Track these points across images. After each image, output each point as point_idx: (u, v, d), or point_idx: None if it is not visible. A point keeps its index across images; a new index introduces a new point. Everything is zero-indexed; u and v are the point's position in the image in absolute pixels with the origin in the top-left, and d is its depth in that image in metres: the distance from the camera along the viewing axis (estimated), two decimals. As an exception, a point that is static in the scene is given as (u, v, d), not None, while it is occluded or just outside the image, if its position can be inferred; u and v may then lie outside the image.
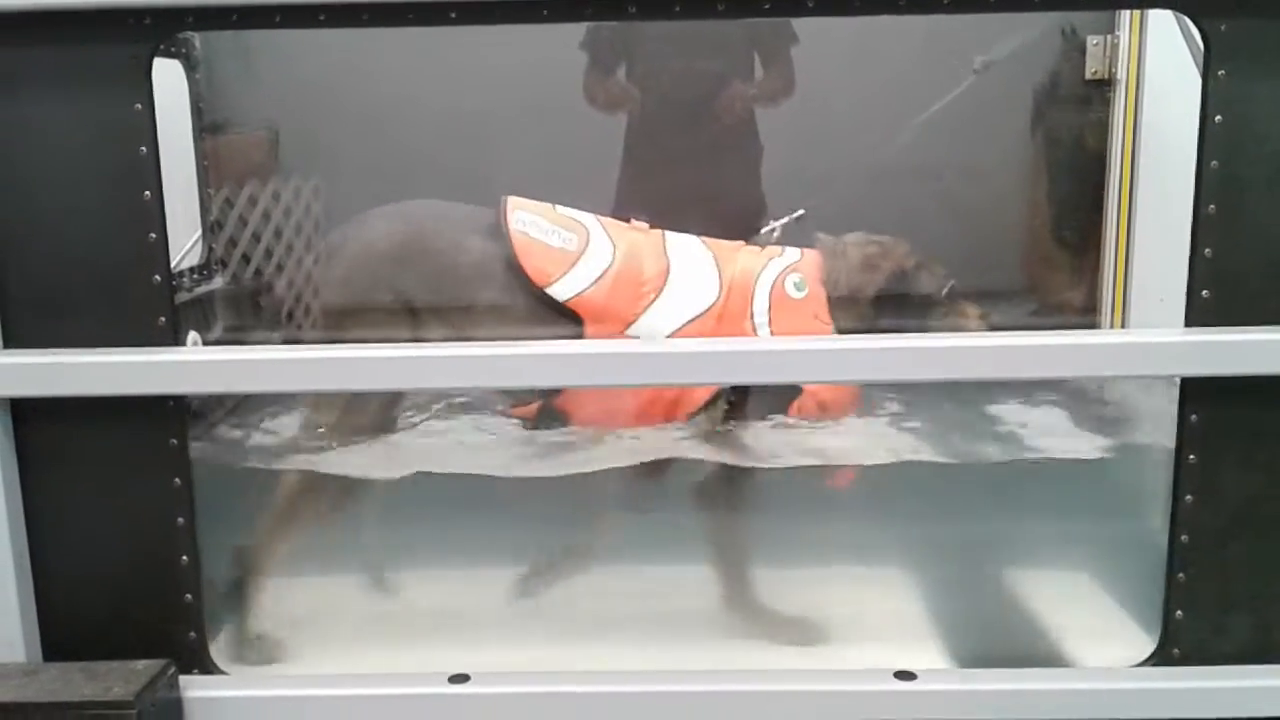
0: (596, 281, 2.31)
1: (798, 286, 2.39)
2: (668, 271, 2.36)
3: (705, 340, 2.25)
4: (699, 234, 2.49)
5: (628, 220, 2.47)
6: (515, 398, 2.46)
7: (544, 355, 2.00)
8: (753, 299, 2.36)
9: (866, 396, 2.57)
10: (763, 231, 2.62)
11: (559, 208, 2.41)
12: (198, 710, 2.00)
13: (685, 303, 2.34)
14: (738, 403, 2.43)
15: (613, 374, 2.07)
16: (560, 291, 2.30)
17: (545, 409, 2.42)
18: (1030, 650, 2.33)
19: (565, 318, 2.31)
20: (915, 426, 2.57)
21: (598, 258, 2.34)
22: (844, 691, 2.03)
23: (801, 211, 2.64)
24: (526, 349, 1.99)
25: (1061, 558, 2.61)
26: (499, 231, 2.33)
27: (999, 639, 2.38)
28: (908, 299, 2.45)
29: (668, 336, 2.31)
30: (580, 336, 2.30)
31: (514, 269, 2.31)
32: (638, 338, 2.31)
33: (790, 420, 2.43)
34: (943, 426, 2.58)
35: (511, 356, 1.98)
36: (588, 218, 2.42)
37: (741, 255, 2.46)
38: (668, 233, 2.46)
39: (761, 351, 2.09)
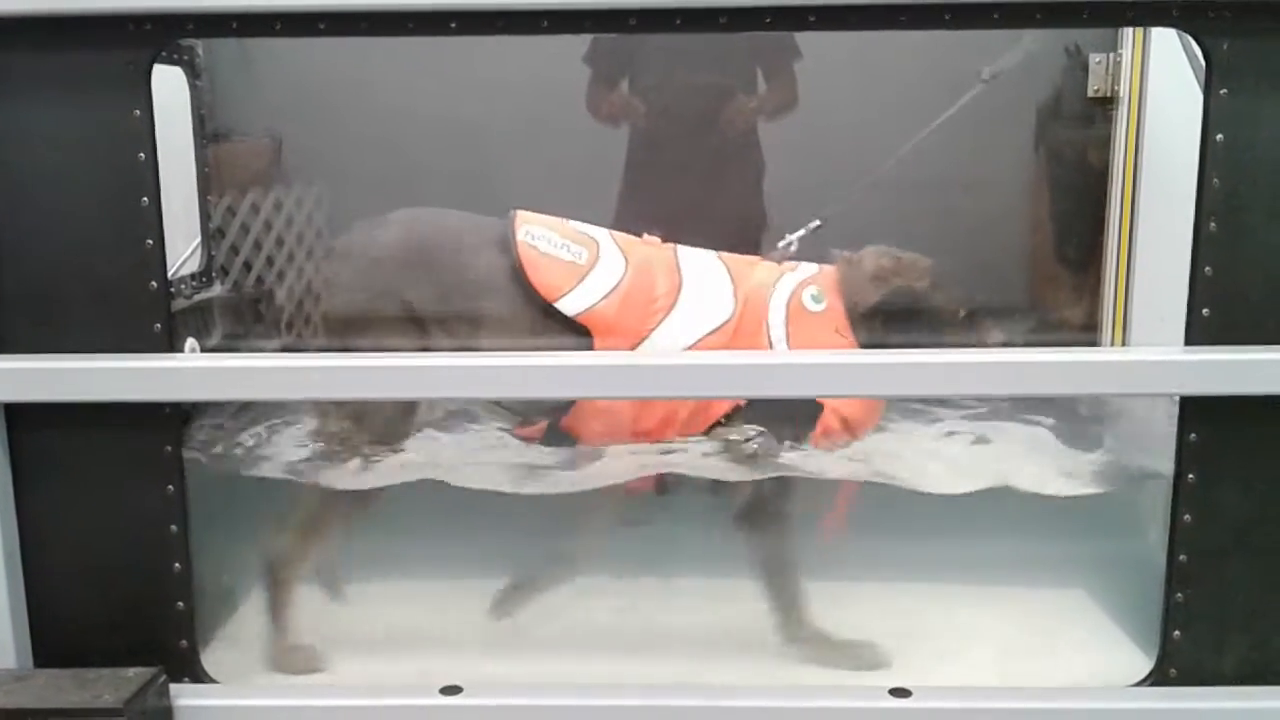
0: (607, 296, 2.27)
1: (815, 299, 2.35)
2: (680, 287, 2.32)
3: (713, 353, 2.23)
4: (709, 248, 2.44)
5: (640, 235, 2.43)
6: (521, 419, 2.43)
7: (546, 367, 1.99)
8: (768, 313, 2.32)
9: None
10: (780, 245, 2.59)
11: (570, 222, 2.38)
12: (188, 718, 1.99)
13: (698, 318, 2.30)
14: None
15: (620, 387, 2.07)
16: (569, 306, 2.26)
17: (552, 430, 2.38)
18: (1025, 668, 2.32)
19: (574, 333, 2.26)
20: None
21: (608, 272, 2.29)
22: (838, 708, 2.02)
23: (818, 222, 2.61)
24: (528, 360, 1.98)
25: (1059, 576, 2.60)
26: (506, 246, 2.29)
27: (996, 656, 2.38)
28: (919, 318, 2.40)
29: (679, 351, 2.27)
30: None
31: (521, 283, 2.27)
32: None
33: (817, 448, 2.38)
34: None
35: (515, 367, 1.97)
36: (599, 232, 2.37)
37: (757, 270, 2.41)
38: (681, 247, 2.41)
39: (761, 365, 2.07)
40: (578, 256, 2.30)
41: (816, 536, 2.51)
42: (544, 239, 2.30)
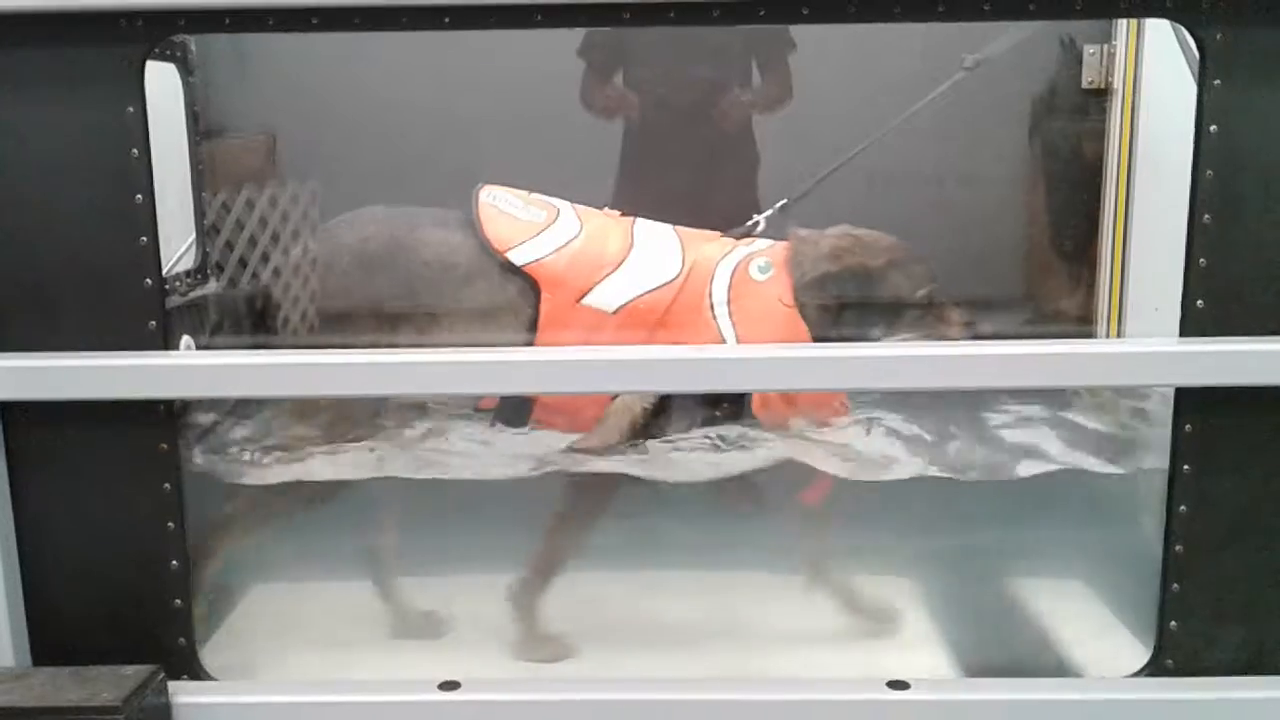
0: (557, 251, 2.35)
1: (762, 269, 2.41)
2: (630, 249, 2.40)
3: (671, 348, 2.23)
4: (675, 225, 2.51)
5: (601, 208, 2.52)
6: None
7: (533, 362, 2.01)
8: (713, 279, 2.38)
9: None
10: (747, 223, 2.61)
11: (534, 193, 2.46)
12: (186, 716, 1.99)
13: (643, 276, 2.36)
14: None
15: (579, 382, 2.08)
16: (518, 257, 2.34)
17: (505, 396, 2.43)
18: (1026, 658, 2.33)
19: (523, 284, 2.35)
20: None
21: (562, 232, 2.39)
22: (837, 701, 2.02)
23: (784, 200, 2.64)
24: (512, 355, 2.01)
25: (1057, 567, 2.61)
26: (468, 208, 2.38)
27: (997, 647, 2.38)
28: (877, 297, 2.44)
29: (620, 306, 2.34)
30: (535, 307, 2.34)
31: (477, 237, 2.36)
32: (592, 307, 2.34)
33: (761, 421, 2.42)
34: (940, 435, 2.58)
35: (498, 364, 1.97)
36: (562, 202, 2.46)
37: (711, 243, 2.49)
38: (638, 219, 2.49)
39: (740, 359, 2.09)
40: (535, 217, 2.40)
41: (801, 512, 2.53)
42: (504, 200, 2.41)
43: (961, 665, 2.32)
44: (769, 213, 2.62)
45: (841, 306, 2.42)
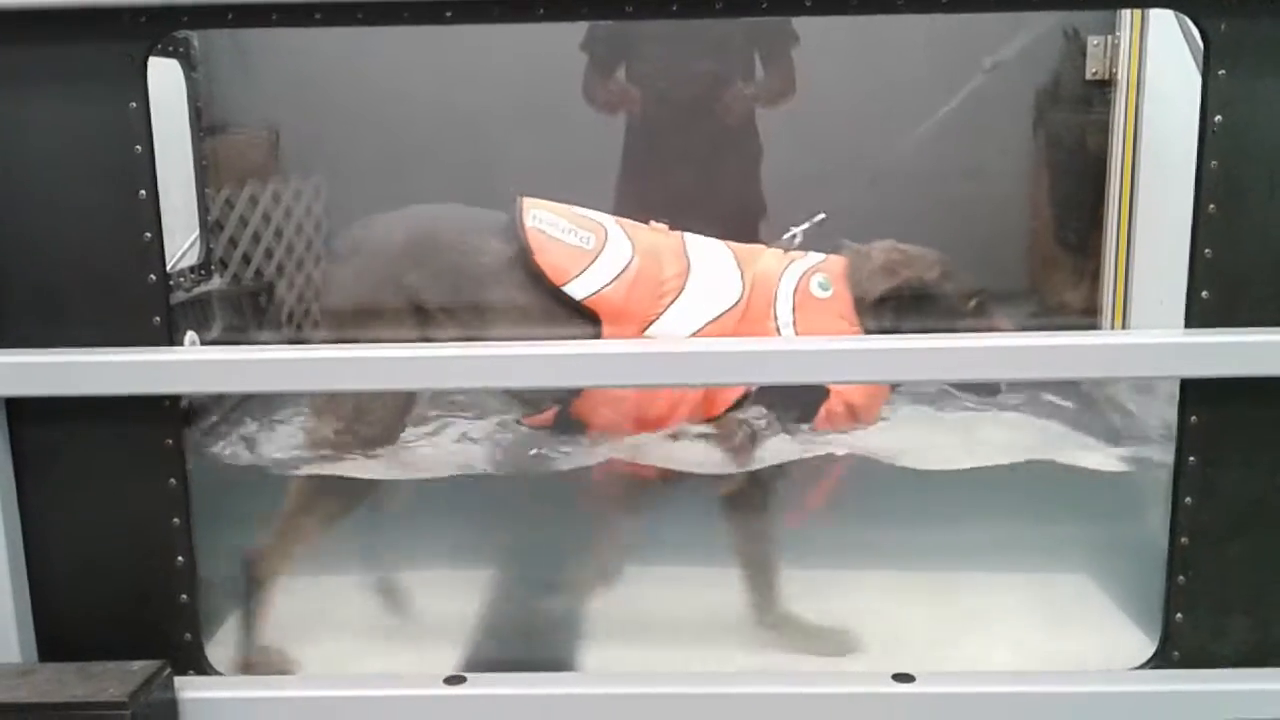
0: (615, 280, 2.27)
1: (822, 286, 2.36)
2: (687, 272, 2.33)
3: (723, 340, 2.23)
4: (708, 233, 2.46)
5: (647, 221, 2.44)
6: (530, 408, 2.43)
7: (552, 355, 1.99)
8: (775, 299, 2.33)
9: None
10: (784, 237, 2.58)
11: (576, 208, 2.38)
12: (193, 711, 1.98)
13: (706, 303, 2.31)
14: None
15: (628, 375, 2.06)
16: (577, 290, 2.26)
17: (561, 416, 2.38)
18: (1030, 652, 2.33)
19: (582, 317, 2.27)
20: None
21: (616, 256, 2.30)
22: (842, 694, 2.02)
23: (823, 215, 2.59)
24: (533, 349, 1.97)
25: (1062, 560, 2.61)
26: (514, 230, 2.30)
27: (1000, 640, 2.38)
28: (931, 309, 2.41)
29: (688, 337, 2.28)
30: (598, 338, 2.27)
31: (529, 266, 2.27)
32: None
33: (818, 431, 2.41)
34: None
35: (518, 357, 1.96)
36: (606, 218, 2.38)
37: (764, 257, 2.43)
38: (688, 234, 2.42)
39: (768, 351, 2.07)
40: (585, 241, 2.30)
41: (791, 520, 2.53)
42: (551, 224, 2.30)
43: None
44: (805, 226, 2.56)
45: (899, 318, 2.39)
